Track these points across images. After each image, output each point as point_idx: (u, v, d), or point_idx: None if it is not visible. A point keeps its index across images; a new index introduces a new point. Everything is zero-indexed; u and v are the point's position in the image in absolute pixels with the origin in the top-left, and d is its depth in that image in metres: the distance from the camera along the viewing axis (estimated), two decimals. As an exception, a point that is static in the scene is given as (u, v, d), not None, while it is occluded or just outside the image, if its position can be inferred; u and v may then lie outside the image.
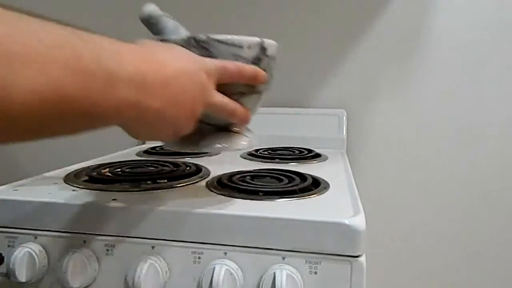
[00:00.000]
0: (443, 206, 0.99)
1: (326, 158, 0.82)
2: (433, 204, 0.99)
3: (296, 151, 0.88)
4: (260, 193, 0.52)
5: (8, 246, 0.48)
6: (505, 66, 0.94)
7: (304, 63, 1.01)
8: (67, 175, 0.62)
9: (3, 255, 0.48)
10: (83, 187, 0.55)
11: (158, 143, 0.98)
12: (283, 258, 0.43)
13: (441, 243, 1.00)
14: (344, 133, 0.95)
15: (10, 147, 1.15)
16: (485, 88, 0.95)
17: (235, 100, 0.42)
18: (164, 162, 0.69)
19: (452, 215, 0.99)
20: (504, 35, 0.93)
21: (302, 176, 0.61)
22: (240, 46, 0.43)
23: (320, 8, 0.99)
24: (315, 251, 0.43)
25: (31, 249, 0.46)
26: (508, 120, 0.95)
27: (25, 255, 0.46)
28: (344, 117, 0.97)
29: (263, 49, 0.44)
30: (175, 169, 0.65)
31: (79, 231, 0.47)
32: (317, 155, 0.83)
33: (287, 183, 0.58)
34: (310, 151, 0.87)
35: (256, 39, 0.44)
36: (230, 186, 0.55)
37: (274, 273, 0.42)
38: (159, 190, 0.54)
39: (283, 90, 1.02)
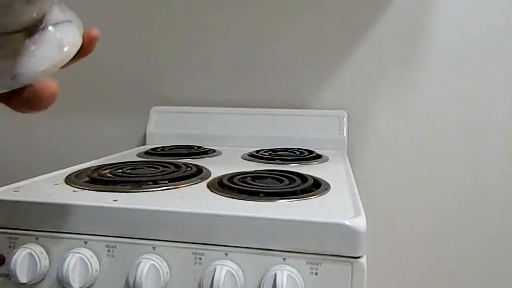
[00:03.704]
0: (443, 207, 0.99)
1: (326, 159, 0.82)
2: (433, 205, 0.99)
3: (296, 152, 0.88)
4: (261, 194, 0.52)
5: (9, 247, 0.48)
6: (506, 68, 0.94)
7: (305, 64, 1.01)
8: (68, 176, 0.62)
9: (4, 256, 0.48)
10: (84, 188, 0.55)
11: (158, 144, 0.98)
12: (284, 259, 0.43)
13: (442, 244, 1.00)
14: (345, 134, 0.95)
15: (11, 148, 1.15)
16: (486, 89, 0.95)
17: None
18: (165, 163, 0.69)
19: (453, 216, 0.99)
20: (505, 38, 0.93)
21: (303, 177, 0.61)
22: None
23: (321, 8, 0.99)
24: (316, 252, 0.43)
25: (32, 250, 0.46)
26: (509, 122, 0.95)
27: (26, 256, 0.46)
28: (345, 118, 0.97)
29: None
30: (176, 170, 0.65)
31: (80, 232, 0.47)
32: (318, 156, 0.83)
33: (288, 184, 0.58)
34: (310, 152, 0.87)
35: None
36: (231, 187, 0.55)
37: (275, 274, 0.42)
38: (160, 191, 0.54)
39: (283, 91, 1.02)
